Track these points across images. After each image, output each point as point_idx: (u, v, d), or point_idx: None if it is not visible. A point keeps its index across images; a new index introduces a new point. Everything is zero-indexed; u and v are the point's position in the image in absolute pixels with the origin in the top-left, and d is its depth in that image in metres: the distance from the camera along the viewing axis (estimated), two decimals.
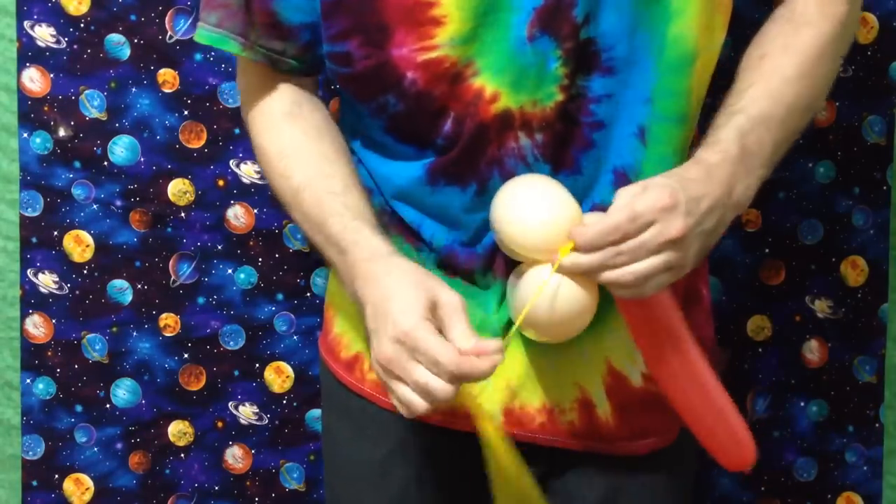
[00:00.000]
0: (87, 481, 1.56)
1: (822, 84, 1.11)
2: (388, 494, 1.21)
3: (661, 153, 1.08)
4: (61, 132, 1.48)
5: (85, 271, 1.51)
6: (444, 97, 1.05)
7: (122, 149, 1.49)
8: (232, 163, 1.50)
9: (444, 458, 1.20)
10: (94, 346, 1.53)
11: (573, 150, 1.06)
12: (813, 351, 1.60)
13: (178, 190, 1.51)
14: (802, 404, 1.61)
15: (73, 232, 1.50)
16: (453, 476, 1.21)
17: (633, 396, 1.16)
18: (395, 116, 1.08)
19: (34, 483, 1.56)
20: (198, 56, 1.48)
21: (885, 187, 1.56)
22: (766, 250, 1.57)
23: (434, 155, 1.08)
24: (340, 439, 1.27)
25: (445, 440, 1.19)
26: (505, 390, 1.15)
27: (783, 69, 1.07)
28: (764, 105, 1.05)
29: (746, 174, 1.03)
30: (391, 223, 1.16)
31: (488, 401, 1.15)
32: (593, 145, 1.06)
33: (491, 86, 1.04)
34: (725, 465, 1.10)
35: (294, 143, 1.12)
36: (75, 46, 1.47)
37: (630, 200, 0.96)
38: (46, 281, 1.51)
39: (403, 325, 0.94)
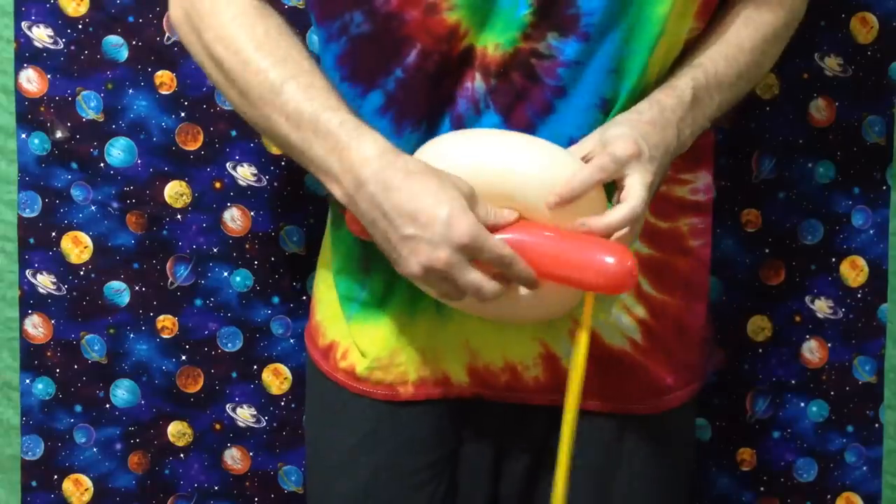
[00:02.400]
0: (87, 482, 1.56)
1: (768, 62, 1.18)
2: (358, 481, 1.21)
3: None
4: (58, 133, 1.48)
5: (82, 272, 1.51)
6: (414, 25, 1.04)
7: (118, 150, 1.49)
8: (228, 165, 1.50)
9: (415, 446, 1.21)
10: (93, 347, 1.53)
11: (530, 110, 1.06)
12: (813, 351, 1.60)
13: (175, 192, 1.50)
14: (802, 404, 1.60)
15: (71, 233, 1.50)
16: (424, 464, 1.21)
17: (606, 353, 1.16)
18: (356, 40, 1.07)
19: (33, 483, 1.56)
20: None
21: (884, 187, 1.55)
22: (766, 250, 1.57)
23: (382, 95, 1.08)
24: (316, 425, 1.29)
25: (416, 428, 1.20)
26: (465, 350, 1.16)
27: (741, 40, 1.13)
28: (720, 66, 1.11)
29: (693, 122, 1.08)
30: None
31: (452, 361, 1.17)
32: (552, 111, 1.06)
33: (465, 23, 1.04)
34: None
35: (269, 36, 1.06)
36: (73, 47, 1.47)
37: (604, 150, 1.00)
38: (45, 281, 1.51)
39: (467, 230, 0.96)
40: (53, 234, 1.50)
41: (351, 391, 1.20)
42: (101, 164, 1.49)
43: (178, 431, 1.56)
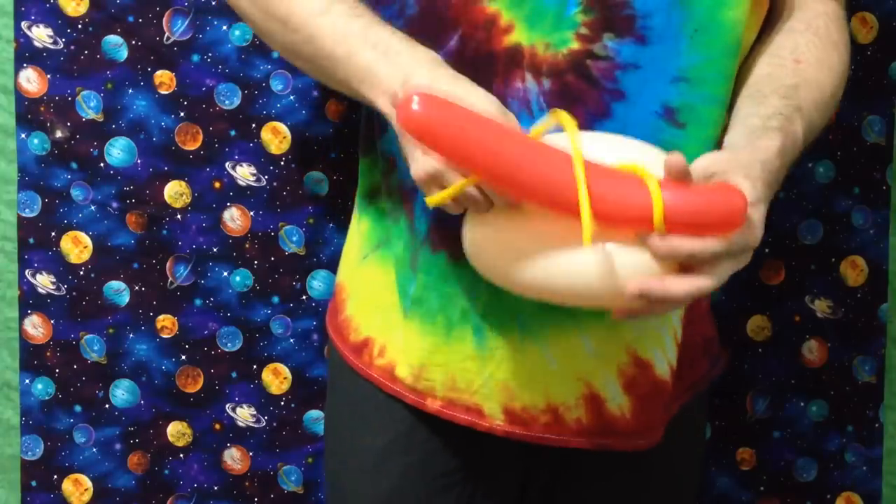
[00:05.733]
0: (86, 482, 1.56)
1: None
2: (387, 483, 1.20)
3: (704, 135, 1.06)
4: (58, 133, 1.48)
5: (82, 272, 1.51)
6: (456, 10, 1.04)
7: (118, 150, 1.49)
8: (228, 165, 1.50)
9: (446, 449, 1.19)
10: (93, 347, 1.53)
11: (587, 113, 1.04)
12: (813, 351, 1.59)
13: (175, 192, 1.50)
14: (802, 404, 1.60)
15: (71, 233, 1.50)
16: (454, 466, 1.20)
17: (654, 387, 1.14)
18: (409, 20, 1.07)
19: (33, 483, 1.56)
20: (195, 57, 1.48)
21: (884, 187, 1.55)
22: (766, 250, 1.57)
23: None
24: (343, 424, 1.27)
25: (447, 432, 1.18)
26: (503, 391, 1.13)
27: (823, 85, 1.08)
28: (814, 114, 1.06)
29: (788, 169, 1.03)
30: (385, 189, 1.16)
31: (486, 397, 1.14)
32: (611, 116, 1.04)
33: (506, 15, 1.03)
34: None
35: None
36: (72, 47, 1.47)
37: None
38: (44, 281, 1.51)
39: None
40: (53, 233, 1.50)
41: (385, 391, 1.19)
42: (101, 164, 1.49)
43: (177, 431, 1.56)
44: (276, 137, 1.50)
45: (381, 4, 1.09)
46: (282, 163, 1.50)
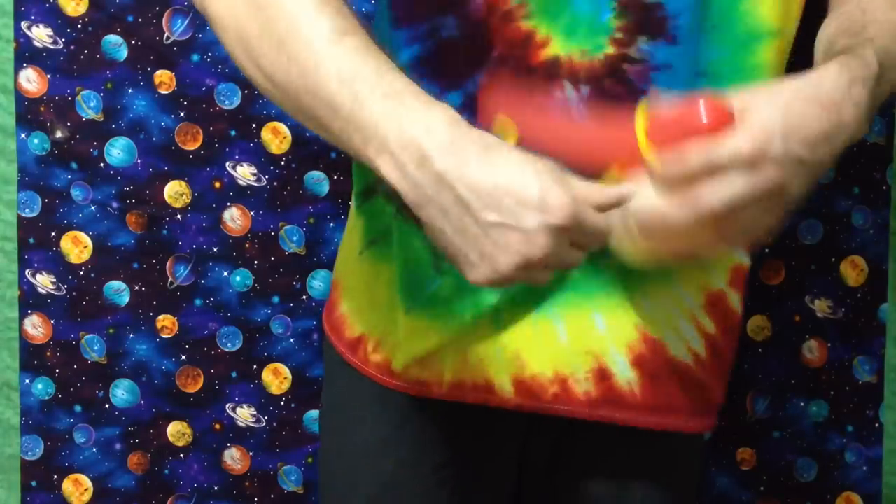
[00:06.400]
0: (86, 482, 1.56)
1: None
2: (383, 476, 1.20)
3: None
4: (58, 133, 1.48)
5: (82, 272, 1.51)
6: (494, 32, 1.02)
7: (118, 150, 1.49)
8: (228, 165, 1.50)
9: (441, 442, 1.19)
10: (93, 347, 1.53)
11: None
12: (813, 351, 1.60)
13: (175, 192, 1.50)
14: (802, 404, 1.61)
15: (71, 233, 1.50)
16: (450, 460, 1.20)
17: (668, 367, 1.12)
18: (445, 42, 1.04)
19: (33, 483, 1.56)
20: (195, 57, 1.48)
21: (884, 187, 1.55)
22: (766, 250, 1.57)
23: (460, 97, 1.02)
24: (339, 419, 1.27)
25: (444, 423, 1.18)
26: (514, 360, 1.13)
27: (893, 25, 1.03)
28: (890, 42, 1.00)
29: (875, 100, 0.96)
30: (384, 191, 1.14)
31: (497, 371, 1.13)
32: None
33: (543, 30, 1.02)
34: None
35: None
36: (72, 47, 1.47)
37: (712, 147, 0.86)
38: (44, 281, 1.51)
39: (567, 207, 0.83)
40: (53, 233, 1.50)
41: (381, 385, 1.19)
42: (101, 164, 1.49)
43: (177, 431, 1.56)
44: (276, 137, 1.50)
45: (405, 25, 1.05)
46: (282, 163, 1.50)
